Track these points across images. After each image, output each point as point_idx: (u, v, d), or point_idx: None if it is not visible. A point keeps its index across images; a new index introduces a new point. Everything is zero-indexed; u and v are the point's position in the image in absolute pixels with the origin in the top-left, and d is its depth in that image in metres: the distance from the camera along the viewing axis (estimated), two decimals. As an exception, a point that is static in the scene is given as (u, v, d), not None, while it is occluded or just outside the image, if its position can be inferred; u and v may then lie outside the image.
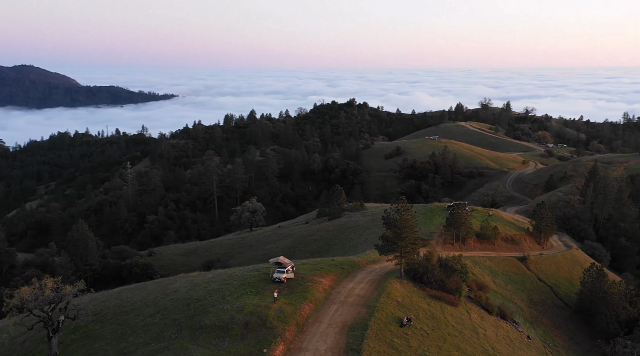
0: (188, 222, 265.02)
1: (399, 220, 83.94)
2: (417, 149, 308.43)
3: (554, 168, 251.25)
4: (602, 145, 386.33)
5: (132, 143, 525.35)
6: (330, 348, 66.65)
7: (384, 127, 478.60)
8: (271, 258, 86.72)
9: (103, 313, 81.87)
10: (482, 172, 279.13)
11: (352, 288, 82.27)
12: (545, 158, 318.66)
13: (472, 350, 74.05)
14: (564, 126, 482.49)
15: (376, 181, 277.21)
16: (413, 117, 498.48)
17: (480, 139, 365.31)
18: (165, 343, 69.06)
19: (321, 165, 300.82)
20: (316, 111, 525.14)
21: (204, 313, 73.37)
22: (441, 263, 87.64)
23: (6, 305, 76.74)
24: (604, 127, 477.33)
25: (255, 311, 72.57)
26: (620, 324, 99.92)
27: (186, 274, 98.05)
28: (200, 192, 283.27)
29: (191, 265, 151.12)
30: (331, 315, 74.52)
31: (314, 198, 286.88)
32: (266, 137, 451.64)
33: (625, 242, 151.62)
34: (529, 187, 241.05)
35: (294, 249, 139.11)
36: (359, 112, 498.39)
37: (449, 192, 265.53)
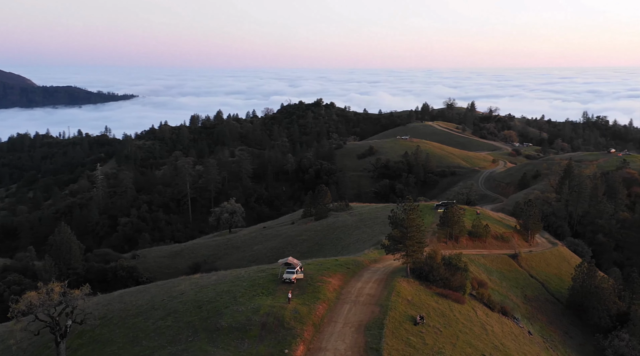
0: (162, 223, 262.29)
1: (405, 219, 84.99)
2: (389, 149, 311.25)
3: (526, 166, 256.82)
4: (565, 144, 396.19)
5: (95, 145, 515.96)
6: (350, 347, 67.22)
7: (351, 126, 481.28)
8: (280, 259, 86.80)
9: (108, 317, 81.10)
10: (454, 171, 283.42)
11: (361, 288, 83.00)
12: (513, 157, 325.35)
13: (483, 346, 75.52)
14: (526, 125, 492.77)
15: (351, 181, 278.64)
16: (380, 116, 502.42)
17: (448, 138, 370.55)
18: (182, 345, 68.72)
19: (295, 165, 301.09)
20: (283, 111, 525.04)
21: (218, 315, 73.14)
22: (445, 262, 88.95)
23: (12, 310, 75.40)
24: (565, 126, 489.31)
25: (271, 312, 72.73)
26: (611, 318, 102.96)
27: (188, 276, 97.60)
28: (174, 193, 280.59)
29: (177, 267, 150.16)
30: (345, 314, 75.10)
31: (288, 198, 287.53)
32: (234, 138, 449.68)
33: (603, 238, 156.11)
34: (502, 186, 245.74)
35: (282, 250, 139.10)
36: (326, 112, 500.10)
37: (422, 191, 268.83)
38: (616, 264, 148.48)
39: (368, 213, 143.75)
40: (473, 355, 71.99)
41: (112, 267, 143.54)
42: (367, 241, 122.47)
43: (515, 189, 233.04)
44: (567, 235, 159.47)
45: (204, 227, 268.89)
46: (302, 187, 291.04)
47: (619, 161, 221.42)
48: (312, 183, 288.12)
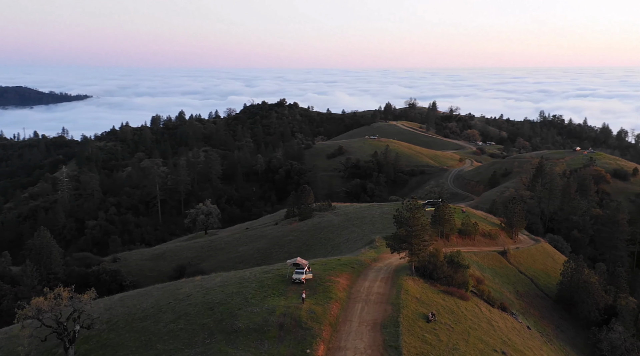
0: (131, 226, 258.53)
1: (411, 218, 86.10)
2: (358, 148, 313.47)
3: (494, 165, 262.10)
4: (527, 143, 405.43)
5: (52, 147, 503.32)
6: (369, 345, 67.94)
7: (315, 126, 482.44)
8: (288, 260, 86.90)
9: (113, 321, 79.96)
10: (423, 170, 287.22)
11: (369, 287, 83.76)
12: (478, 156, 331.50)
13: (493, 342, 77.17)
14: (486, 124, 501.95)
15: (322, 180, 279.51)
16: (343, 116, 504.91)
17: (413, 138, 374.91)
18: (200, 348, 68.33)
19: (264, 165, 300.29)
20: (246, 111, 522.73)
21: (233, 317, 72.89)
22: (447, 260, 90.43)
23: (18, 316, 73.73)
24: (523, 125, 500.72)
25: (287, 312, 72.91)
26: (600, 312, 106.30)
27: (190, 278, 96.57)
28: (142, 195, 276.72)
29: (161, 270, 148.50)
30: (359, 313, 75.79)
31: (258, 199, 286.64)
32: (198, 138, 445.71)
33: (578, 234, 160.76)
34: (471, 184, 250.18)
35: (269, 250, 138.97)
36: (289, 112, 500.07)
37: (392, 190, 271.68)
38: (590, 259, 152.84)
39: (354, 213, 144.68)
40: (485, 351, 73.51)
41: (95, 271, 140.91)
42: (359, 240, 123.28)
43: (486, 187, 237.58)
44: (541, 231, 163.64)
45: (174, 228, 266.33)
46: (272, 188, 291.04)
47: (585, 159, 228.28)
48: (283, 184, 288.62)
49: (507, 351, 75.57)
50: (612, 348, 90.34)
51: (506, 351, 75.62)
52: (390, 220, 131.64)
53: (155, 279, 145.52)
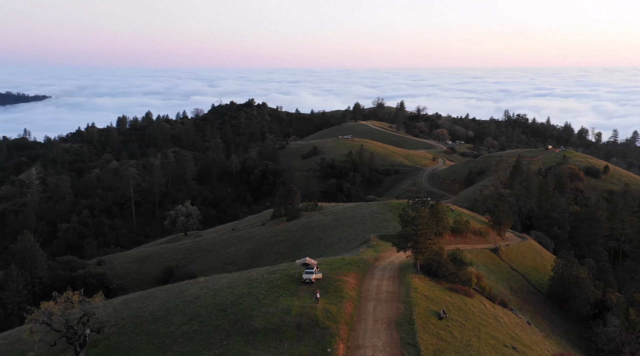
0: (105, 229, 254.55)
1: (417, 217, 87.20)
2: (332, 148, 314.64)
3: (468, 164, 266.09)
4: (495, 142, 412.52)
5: (14, 148, 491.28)
6: (387, 343, 68.76)
7: (284, 127, 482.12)
8: (297, 260, 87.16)
9: (120, 325, 79.45)
10: (397, 169, 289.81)
11: (378, 285, 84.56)
12: (449, 155, 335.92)
13: (502, 338, 78.76)
14: (453, 124, 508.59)
15: (298, 181, 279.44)
16: (312, 116, 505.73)
17: (384, 137, 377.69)
18: (218, 349, 68.29)
19: (239, 166, 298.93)
20: (214, 112, 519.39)
21: (249, 318, 72.92)
22: (451, 257, 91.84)
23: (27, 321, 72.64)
24: (489, 124, 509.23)
25: (302, 312, 73.27)
26: (591, 306, 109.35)
27: (192, 280, 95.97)
28: (116, 197, 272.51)
29: (147, 272, 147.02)
30: (372, 312, 76.53)
31: (233, 199, 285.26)
32: (166, 139, 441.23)
33: (558, 231, 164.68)
34: (447, 182, 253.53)
35: (260, 251, 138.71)
36: (258, 112, 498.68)
37: (368, 190, 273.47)
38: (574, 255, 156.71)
39: (342, 213, 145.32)
40: (497, 346, 75.00)
41: (81, 275, 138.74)
42: (352, 240, 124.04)
43: (462, 186, 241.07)
44: (519, 229, 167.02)
45: (149, 230, 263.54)
46: (248, 188, 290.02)
47: (558, 157, 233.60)
48: (258, 184, 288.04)
49: (517, 347, 77.25)
50: (608, 341, 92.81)
51: (516, 346, 77.30)
52: (381, 220, 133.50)
53: (142, 282, 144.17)
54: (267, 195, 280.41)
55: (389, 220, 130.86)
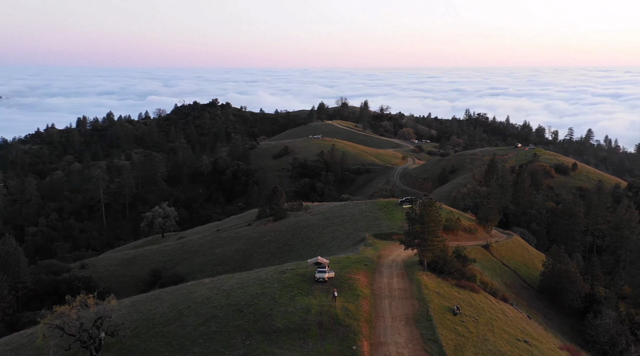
0: (75, 231, 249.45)
1: (425, 215, 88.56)
2: (304, 148, 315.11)
3: (440, 162, 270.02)
4: (460, 140, 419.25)
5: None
6: (409, 339, 69.86)
7: (249, 127, 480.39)
8: (309, 259, 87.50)
9: (132, 327, 78.50)
10: (369, 168, 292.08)
11: (388, 283, 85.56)
12: (417, 154, 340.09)
13: (514, 332, 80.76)
14: (416, 123, 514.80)
15: (271, 181, 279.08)
16: (277, 116, 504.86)
17: (351, 137, 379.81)
18: (241, 349, 68.37)
19: (210, 166, 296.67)
20: (178, 112, 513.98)
21: (268, 317, 73.15)
22: (456, 254, 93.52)
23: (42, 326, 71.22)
24: (452, 124, 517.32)
25: (322, 311, 73.83)
26: (581, 299, 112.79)
27: (197, 281, 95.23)
28: (85, 199, 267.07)
29: (134, 275, 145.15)
30: (389, 309, 77.50)
31: (205, 200, 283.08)
32: (130, 140, 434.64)
33: (537, 227, 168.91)
34: (419, 181, 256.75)
35: (249, 252, 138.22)
36: (222, 112, 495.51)
37: (340, 189, 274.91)
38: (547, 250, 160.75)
39: (330, 212, 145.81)
40: (510, 340, 76.85)
41: (66, 278, 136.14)
42: (345, 239, 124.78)
43: (434, 184, 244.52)
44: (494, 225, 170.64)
45: (120, 233, 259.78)
46: (219, 189, 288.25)
47: (529, 155, 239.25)
48: (230, 185, 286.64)
49: (529, 341, 79.30)
50: (604, 333, 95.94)
51: (527, 340, 79.35)
52: (372, 218, 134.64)
53: (128, 284, 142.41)
54: (240, 195, 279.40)
55: (380, 219, 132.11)
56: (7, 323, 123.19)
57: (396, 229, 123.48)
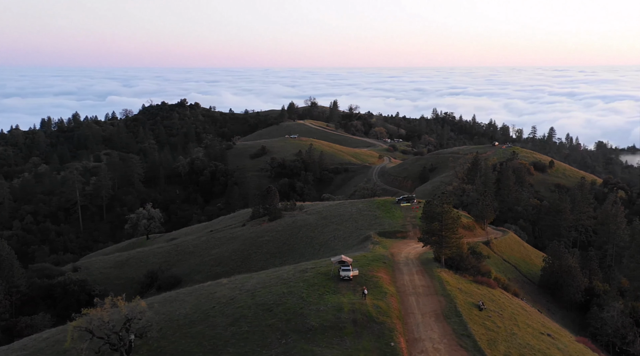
0: (52, 234, 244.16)
1: (444, 213, 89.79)
2: (281, 148, 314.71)
3: (418, 161, 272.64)
4: (432, 139, 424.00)
5: None
6: (442, 335, 71.03)
7: (218, 127, 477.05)
8: (332, 258, 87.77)
9: (147, 329, 77.20)
10: (346, 167, 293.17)
11: (410, 280, 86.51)
12: (392, 153, 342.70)
13: (536, 326, 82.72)
14: (385, 122, 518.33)
15: (251, 181, 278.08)
16: (247, 116, 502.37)
17: (325, 136, 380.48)
18: (279, 348, 68.60)
19: (187, 167, 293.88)
20: (145, 112, 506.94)
21: (300, 316, 73.50)
22: (471, 251, 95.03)
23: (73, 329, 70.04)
24: (420, 123, 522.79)
25: (354, 309, 74.43)
26: (581, 293, 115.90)
27: (214, 282, 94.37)
28: (61, 202, 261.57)
29: (129, 277, 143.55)
30: (417, 306, 78.46)
31: (182, 201, 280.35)
32: (98, 141, 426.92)
33: (524, 223, 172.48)
34: (399, 180, 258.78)
35: (247, 252, 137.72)
36: (191, 112, 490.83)
37: (319, 188, 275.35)
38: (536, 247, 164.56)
39: (326, 212, 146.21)
40: (534, 334, 78.69)
41: (61, 282, 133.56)
42: (348, 238, 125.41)
43: (415, 182, 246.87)
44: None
45: (97, 235, 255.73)
46: (197, 190, 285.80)
47: (508, 153, 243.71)
48: (208, 185, 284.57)
49: (552, 334, 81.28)
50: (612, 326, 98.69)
51: (550, 333, 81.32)
52: (371, 217, 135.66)
53: (123, 287, 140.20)
54: (219, 196, 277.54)
55: (380, 217, 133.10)
56: (3, 328, 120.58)
57: (399, 227, 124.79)
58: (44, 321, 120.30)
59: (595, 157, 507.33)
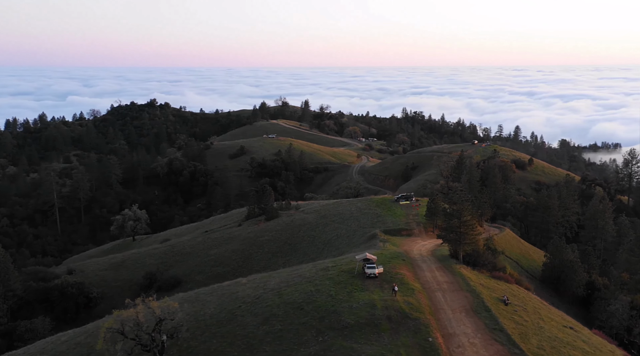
0: (29, 238, 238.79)
1: (463, 210, 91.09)
2: (260, 148, 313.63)
3: (399, 160, 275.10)
4: (406, 138, 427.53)
5: None
6: (476, 330, 72.10)
7: (190, 127, 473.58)
8: (357, 256, 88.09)
9: (178, 329, 76.75)
10: (326, 166, 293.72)
11: (433, 277, 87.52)
12: (368, 152, 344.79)
13: (558, 319, 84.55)
14: (356, 122, 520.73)
15: (232, 181, 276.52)
16: (218, 116, 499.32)
17: (300, 136, 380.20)
18: (317, 346, 68.90)
19: (166, 168, 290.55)
20: (114, 113, 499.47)
21: (334, 314, 73.95)
22: (486, 247, 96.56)
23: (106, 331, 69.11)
24: (391, 122, 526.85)
25: (387, 305, 75.17)
26: (582, 287, 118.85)
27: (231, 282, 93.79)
28: (37, 204, 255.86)
29: (126, 279, 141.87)
30: (445, 302, 79.40)
31: (161, 202, 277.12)
32: (67, 142, 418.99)
33: (513, 220, 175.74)
34: (380, 178, 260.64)
35: (248, 251, 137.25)
36: (161, 112, 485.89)
37: (300, 188, 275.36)
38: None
39: (325, 211, 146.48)
40: (559, 327, 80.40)
41: (58, 285, 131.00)
42: (352, 236, 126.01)
43: (397, 181, 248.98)
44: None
45: (75, 237, 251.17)
46: (177, 190, 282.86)
47: (489, 151, 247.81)
48: (188, 186, 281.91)
49: (573, 327, 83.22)
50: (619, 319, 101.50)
51: (573, 326, 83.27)
52: (373, 215, 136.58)
53: (121, 289, 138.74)
54: (199, 196, 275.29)
55: (382, 216, 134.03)
56: (3, 332, 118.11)
57: (403, 225, 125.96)
58: (44, 325, 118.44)
59: (560, 155, 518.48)
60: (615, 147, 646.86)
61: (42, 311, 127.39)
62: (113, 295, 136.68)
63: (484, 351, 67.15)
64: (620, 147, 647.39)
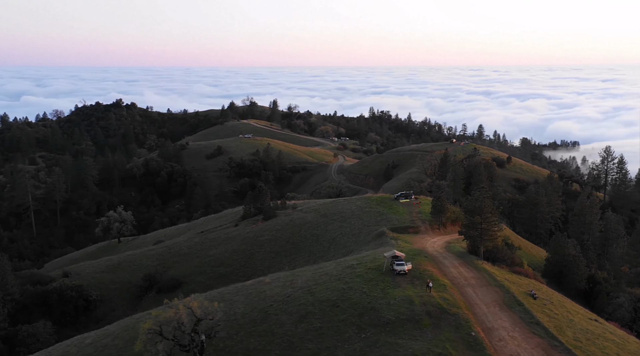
0: (4, 241, 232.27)
1: (484, 207, 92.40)
2: (237, 148, 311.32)
3: (377, 158, 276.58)
4: (378, 137, 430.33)
5: None
6: (513, 324, 73.42)
7: (157, 127, 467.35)
8: (386, 253, 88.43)
9: (216, 329, 76.18)
10: (304, 166, 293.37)
11: (459, 273, 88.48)
12: (342, 151, 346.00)
13: (583, 312, 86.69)
14: (324, 121, 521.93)
15: (212, 181, 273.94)
16: (186, 116, 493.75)
17: (273, 135, 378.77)
18: (360, 342, 69.42)
19: (142, 169, 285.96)
20: (79, 113, 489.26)
21: (372, 310, 74.60)
22: (504, 243, 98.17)
23: (147, 333, 68.24)
24: (359, 121, 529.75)
25: (424, 301, 75.92)
26: (584, 281, 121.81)
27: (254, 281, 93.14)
28: (11, 207, 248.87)
29: (124, 281, 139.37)
30: (476, 296, 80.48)
31: (139, 204, 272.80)
32: (31, 143, 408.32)
33: (500, 216, 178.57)
34: (360, 177, 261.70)
35: (249, 251, 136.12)
36: (128, 113, 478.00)
37: (279, 187, 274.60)
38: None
39: (324, 209, 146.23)
40: (585, 320, 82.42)
41: (57, 288, 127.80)
42: (358, 234, 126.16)
43: (377, 180, 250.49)
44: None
45: (52, 240, 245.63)
46: (154, 191, 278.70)
47: (469, 149, 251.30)
48: (165, 187, 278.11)
49: (598, 319, 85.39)
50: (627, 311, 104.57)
51: (597, 319, 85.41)
52: (375, 213, 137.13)
53: (120, 291, 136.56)
54: (177, 197, 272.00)
55: (385, 214, 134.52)
56: (3, 337, 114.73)
57: (408, 222, 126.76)
58: (46, 329, 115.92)
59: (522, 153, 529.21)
60: (574, 145, 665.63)
61: (39, 315, 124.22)
62: (112, 297, 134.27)
63: (526, 345, 68.35)
64: (579, 145, 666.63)
